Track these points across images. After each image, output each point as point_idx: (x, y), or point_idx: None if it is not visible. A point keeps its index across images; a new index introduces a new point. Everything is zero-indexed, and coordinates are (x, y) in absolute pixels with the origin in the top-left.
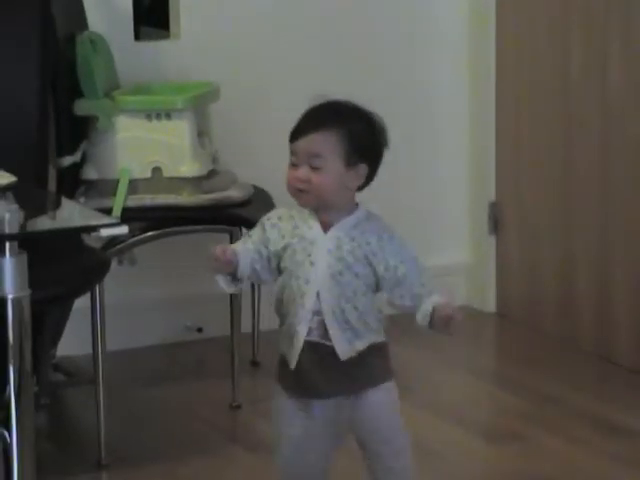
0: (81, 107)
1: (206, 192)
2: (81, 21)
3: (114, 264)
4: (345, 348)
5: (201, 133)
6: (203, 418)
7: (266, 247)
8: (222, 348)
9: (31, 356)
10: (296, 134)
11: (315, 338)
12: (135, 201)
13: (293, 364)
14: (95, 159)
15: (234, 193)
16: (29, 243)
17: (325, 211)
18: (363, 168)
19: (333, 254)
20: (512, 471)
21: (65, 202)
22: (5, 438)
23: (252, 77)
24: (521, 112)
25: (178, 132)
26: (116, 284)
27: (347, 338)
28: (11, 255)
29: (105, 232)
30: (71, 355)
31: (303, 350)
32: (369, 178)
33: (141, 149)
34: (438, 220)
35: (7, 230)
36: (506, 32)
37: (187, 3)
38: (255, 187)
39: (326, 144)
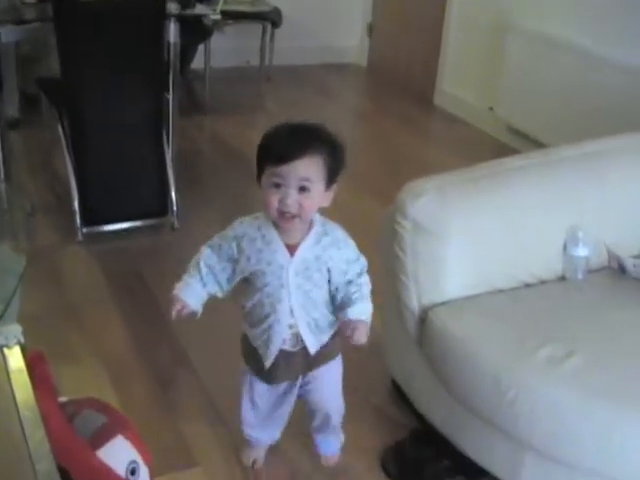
0: None
1: (255, 7)
2: None
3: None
4: (315, 345)
5: None
6: None
7: (231, 266)
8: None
9: (180, 67)
10: (282, 158)
11: (288, 347)
12: (225, 7)
13: (268, 365)
14: None
15: (266, 8)
16: (181, 19)
17: (292, 228)
18: (334, 188)
19: (301, 275)
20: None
21: (197, 5)
22: (168, 99)
23: None
24: None
25: None
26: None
27: (317, 338)
28: (174, 23)
29: (212, 17)
30: (196, 68)
31: (277, 355)
32: None
33: None
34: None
35: (172, 12)
36: None
37: None
38: (275, 7)
39: (315, 168)
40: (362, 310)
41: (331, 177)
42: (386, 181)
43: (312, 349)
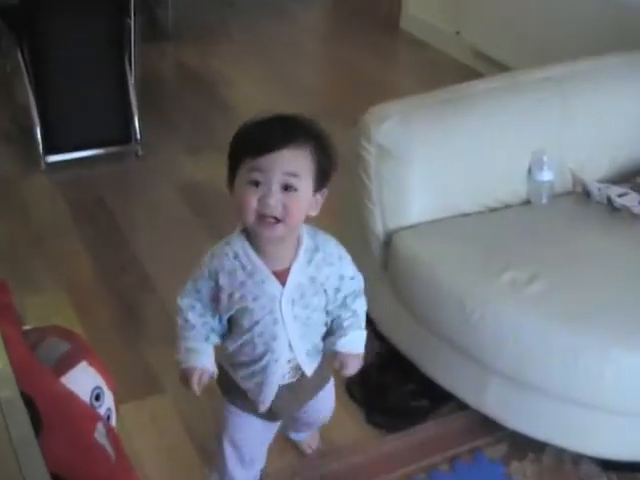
0: None
1: None
2: None
3: None
4: (312, 368)
5: None
6: None
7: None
8: None
9: None
10: (263, 147)
11: (287, 380)
12: None
13: (266, 406)
14: None
15: None
16: None
17: (276, 246)
18: (324, 194)
19: (298, 304)
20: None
21: None
22: (129, 24)
23: None
24: None
25: None
26: None
27: (315, 360)
28: None
29: None
30: None
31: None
32: None
33: None
34: None
35: None
36: None
37: None
38: None
39: (302, 161)
40: (354, 341)
41: (321, 177)
42: (351, 106)
43: (309, 372)
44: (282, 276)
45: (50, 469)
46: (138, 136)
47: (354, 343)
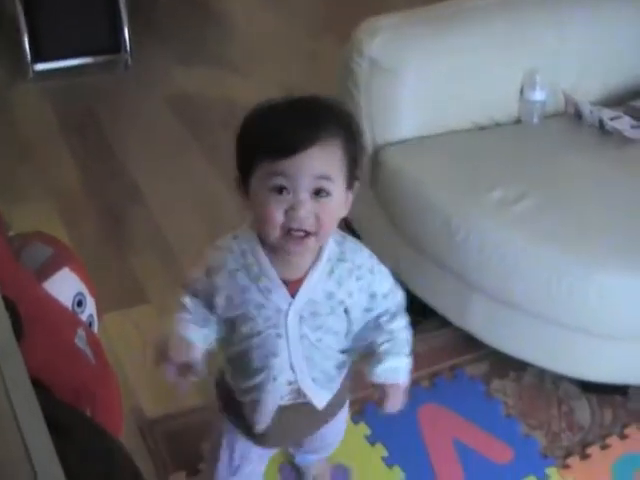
0: None
1: None
2: None
3: None
4: (323, 399)
5: None
6: None
7: (212, 310)
8: None
9: None
10: (289, 147)
11: (287, 402)
12: None
13: (261, 427)
14: None
15: None
16: None
17: (296, 257)
18: (357, 187)
19: (308, 322)
20: None
21: None
22: None
23: None
24: None
25: None
26: None
27: (327, 389)
28: None
29: None
30: None
31: (275, 413)
32: None
33: None
34: None
35: None
36: None
37: None
38: None
39: (334, 159)
40: (392, 369)
41: (352, 170)
42: (347, 21)
43: (320, 404)
44: (294, 286)
45: (30, 374)
46: (128, 46)
47: (392, 372)
